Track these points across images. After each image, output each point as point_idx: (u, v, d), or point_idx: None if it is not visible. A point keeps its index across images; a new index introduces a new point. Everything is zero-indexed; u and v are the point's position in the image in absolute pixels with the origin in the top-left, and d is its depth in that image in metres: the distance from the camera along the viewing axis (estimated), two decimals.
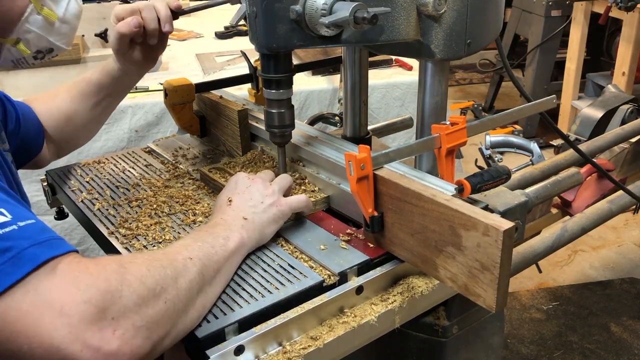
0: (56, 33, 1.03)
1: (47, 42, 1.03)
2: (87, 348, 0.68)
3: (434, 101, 1.12)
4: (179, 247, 0.87)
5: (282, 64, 1.06)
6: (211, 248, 0.88)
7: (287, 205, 1.02)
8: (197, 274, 0.83)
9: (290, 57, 1.08)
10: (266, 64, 1.06)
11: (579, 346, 2.39)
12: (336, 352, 0.87)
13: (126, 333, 0.71)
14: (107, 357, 0.69)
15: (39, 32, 1.00)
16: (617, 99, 2.41)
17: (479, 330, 1.15)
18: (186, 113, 1.41)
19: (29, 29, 0.99)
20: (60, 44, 1.05)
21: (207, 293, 0.85)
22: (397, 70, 2.47)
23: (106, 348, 0.69)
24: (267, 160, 1.28)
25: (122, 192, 1.25)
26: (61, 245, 0.74)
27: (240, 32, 3.06)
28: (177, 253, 0.84)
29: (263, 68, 1.07)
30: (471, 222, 0.80)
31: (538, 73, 4.09)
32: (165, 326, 0.76)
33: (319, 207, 1.13)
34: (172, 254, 0.84)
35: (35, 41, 1.01)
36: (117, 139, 2.15)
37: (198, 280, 0.83)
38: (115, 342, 0.70)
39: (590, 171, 1.41)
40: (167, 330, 0.77)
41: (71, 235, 2.26)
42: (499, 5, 1.09)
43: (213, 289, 0.87)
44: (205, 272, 0.85)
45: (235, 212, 0.98)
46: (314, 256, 0.97)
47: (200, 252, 0.86)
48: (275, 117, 1.11)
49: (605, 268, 2.90)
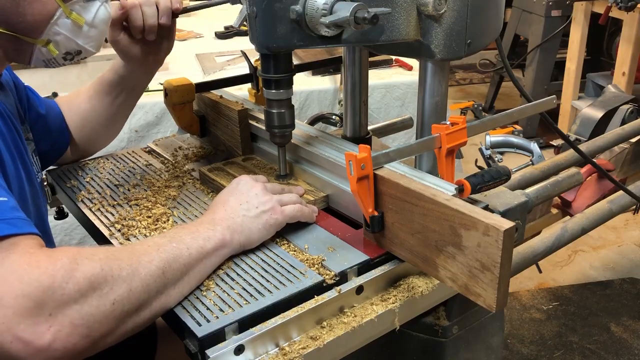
0: (84, 36, 1.06)
1: (76, 44, 1.06)
2: (17, 340, 0.70)
3: (434, 101, 1.12)
4: (148, 247, 0.86)
5: (282, 64, 1.06)
6: (185, 249, 0.88)
7: (283, 215, 1.01)
8: (159, 276, 0.83)
9: (290, 57, 1.08)
10: (266, 64, 1.06)
11: (579, 346, 2.39)
12: (336, 352, 0.87)
13: (62, 330, 0.73)
14: (37, 351, 0.71)
15: (68, 35, 1.03)
16: (617, 99, 2.41)
17: (479, 330, 1.15)
18: (186, 113, 1.41)
19: (58, 31, 1.02)
20: (89, 47, 1.08)
21: (169, 294, 0.85)
22: (397, 70, 2.47)
23: (37, 343, 0.71)
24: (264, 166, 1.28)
25: (122, 191, 1.25)
26: (25, 225, 0.77)
27: (240, 32, 3.06)
28: (143, 253, 0.84)
29: (263, 68, 1.07)
30: (471, 222, 0.80)
31: (538, 73, 4.08)
32: (109, 325, 0.77)
33: (318, 206, 1.12)
34: (136, 254, 0.84)
35: (65, 43, 1.04)
36: (117, 139, 2.14)
37: (158, 282, 0.83)
38: (48, 337, 0.72)
39: (591, 171, 1.41)
40: (111, 328, 0.78)
41: (71, 235, 2.26)
42: (499, 5, 1.09)
43: (179, 290, 0.86)
44: (170, 274, 0.84)
45: (226, 212, 0.98)
46: (314, 256, 0.97)
47: (171, 253, 0.86)
48: (275, 117, 1.11)
49: (605, 268, 2.90)
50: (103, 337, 0.77)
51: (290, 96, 1.10)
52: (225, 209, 0.98)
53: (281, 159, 1.16)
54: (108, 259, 0.80)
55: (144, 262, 0.83)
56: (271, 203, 1.00)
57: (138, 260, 0.82)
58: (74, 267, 0.75)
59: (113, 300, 0.77)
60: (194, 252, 0.89)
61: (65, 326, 0.73)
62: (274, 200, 1.01)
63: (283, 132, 1.13)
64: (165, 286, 0.84)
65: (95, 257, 0.79)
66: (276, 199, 1.02)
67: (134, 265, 0.81)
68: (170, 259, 0.85)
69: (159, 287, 0.83)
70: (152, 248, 0.86)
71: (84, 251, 0.80)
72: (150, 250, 0.85)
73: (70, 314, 0.73)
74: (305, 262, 0.95)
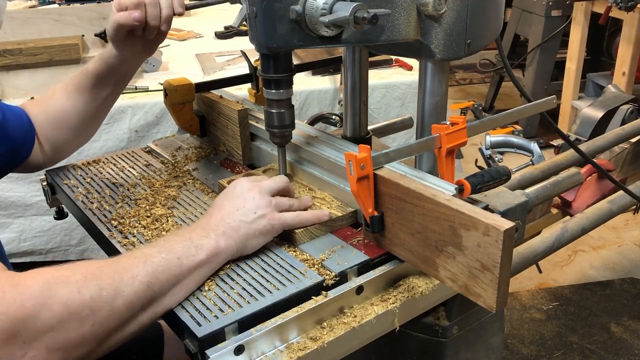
0: None
1: None
2: None
3: (434, 101, 1.12)
4: (135, 259, 0.84)
5: (282, 64, 1.06)
6: (176, 259, 0.86)
7: (279, 221, 0.97)
8: (143, 291, 0.81)
9: (290, 57, 1.08)
10: (266, 64, 1.06)
11: (579, 346, 2.39)
12: (336, 352, 0.87)
13: (38, 355, 0.70)
14: None
15: None
16: (617, 99, 2.40)
17: (479, 330, 1.15)
18: (186, 113, 1.41)
19: None
20: None
21: (159, 305, 0.83)
22: (397, 70, 2.48)
23: None
24: None
25: (122, 191, 1.25)
26: None
27: (240, 32, 3.06)
28: (127, 268, 0.81)
29: (263, 68, 1.07)
30: (471, 222, 0.80)
31: (538, 73, 4.08)
32: (90, 345, 0.76)
33: (346, 222, 1.07)
34: (119, 271, 0.81)
35: None
36: (117, 139, 2.15)
37: (144, 298, 0.81)
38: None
39: (591, 171, 1.41)
40: (92, 348, 0.76)
41: (71, 235, 2.26)
42: (499, 5, 1.09)
43: (170, 299, 0.85)
44: (158, 286, 0.82)
45: (222, 217, 0.95)
46: (314, 256, 0.97)
47: (159, 265, 0.83)
48: (275, 117, 1.11)
49: (605, 268, 2.90)
50: (83, 357, 0.75)
51: (290, 96, 1.10)
52: (221, 214, 0.95)
53: (281, 159, 1.16)
54: (86, 280, 0.77)
55: (127, 279, 0.80)
56: (269, 208, 0.97)
57: (120, 278, 0.80)
58: (47, 294, 0.72)
59: (93, 322, 0.75)
60: (185, 261, 0.86)
61: (41, 351, 0.70)
62: (272, 205, 0.98)
63: (283, 132, 1.12)
64: (153, 299, 0.82)
65: (72, 279, 0.76)
66: (274, 203, 0.99)
67: (115, 283, 0.78)
68: (157, 271, 0.83)
69: (144, 303, 0.81)
70: (139, 260, 0.83)
71: (59, 273, 0.76)
72: (136, 263, 0.83)
73: (45, 340, 0.71)
74: (305, 262, 0.95)
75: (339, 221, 1.06)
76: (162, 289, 0.83)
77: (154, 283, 0.82)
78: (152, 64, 2.43)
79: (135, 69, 1.30)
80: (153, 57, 2.40)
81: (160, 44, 1.27)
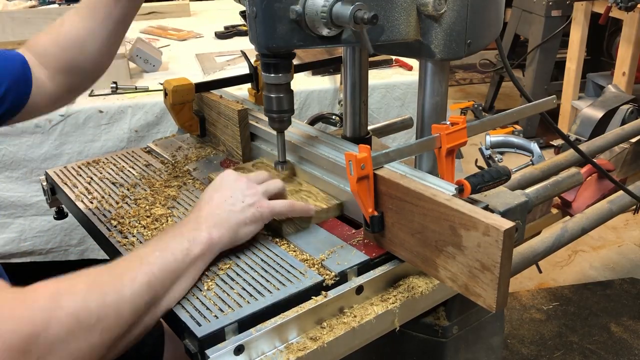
0: None
1: None
2: None
3: (434, 101, 1.12)
4: (131, 262, 0.84)
5: None
6: (171, 255, 0.86)
7: (268, 208, 0.98)
8: (145, 291, 0.81)
9: None
10: None
11: (579, 346, 2.39)
12: (336, 352, 0.87)
13: None
14: None
15: None
16: (617, 99, 2.40)
17: (479, 330, 1.15)
18: (186, 113, 1.41)
19: None
20: None
21: (160, 304, 0.84)
22: (397, 70, 2.47)
23: None
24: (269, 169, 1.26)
25: (122, 191, 1.25)
26: None
27: (240, 32, 3.06)
28: (125, 271, 0.82)
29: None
30: (471, 222, 0.80)
31: (538, 73, 4.09)
32: (100, 352, 0.76)
33: (332, 214, 1.09)
34: (119, 274, 0.81)
35: None
36: (117, 139, 2.15)
37: (146, 297, 0.82)
38: None
39: (591, 171, 1.41)
40: (102, 354, 0.77)
41: (71, 235, 2.26)
42: (499, 5, 1.09)
43: (171, 296, 0.86)
44: (158, 285, 0.83)
45: (211, 209, 0.96)
46: (314, 256, 0.97)
47: (155, 264, 0.84)
48: (274, 101, 1.10)
49: (605, 268, 2.90)
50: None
51: (289, 81, 1.09)
52: (211, 206, 0.96)
53: (280, 145, 1.16)
54: (90, 287, 0.77)
55: (127, 281, 0.80)
56: (257, 196, 0.98)
57: (121, 281, 0.80)
58: (53, 306, 0.73)
59: (101, 330, 0.76)
60: (180, 256, 0.87)
61: None
62: (259, 193, 0.99)
63: (281, 117, 1.12)
64: (155, 298, 0.83)
65: (76, 288, 0.76)
66: (262, 191, 1.00)
67: (117, 286, 0.79)
68: (155, 270, 0.83)
69: (147, 302, 0.82)
70: (135, 262, 0.84)
71: (62, 285, 0.76)
72: (133, 264, 0.83)
73: (58, 352, 0.71)
74: (305, 262, 0.95)
75: (324, 213, 1.07)
76: (163, 287, 0.84)
77: (153, 282, 0.83)
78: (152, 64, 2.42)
79: None
80: (153, 57, 2.40)
81: None
